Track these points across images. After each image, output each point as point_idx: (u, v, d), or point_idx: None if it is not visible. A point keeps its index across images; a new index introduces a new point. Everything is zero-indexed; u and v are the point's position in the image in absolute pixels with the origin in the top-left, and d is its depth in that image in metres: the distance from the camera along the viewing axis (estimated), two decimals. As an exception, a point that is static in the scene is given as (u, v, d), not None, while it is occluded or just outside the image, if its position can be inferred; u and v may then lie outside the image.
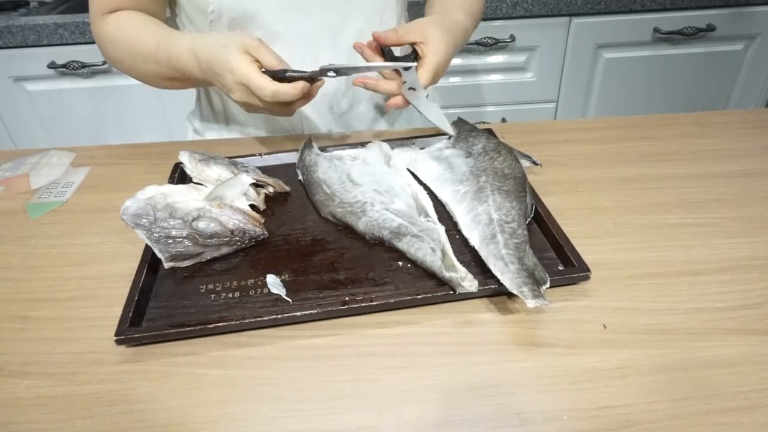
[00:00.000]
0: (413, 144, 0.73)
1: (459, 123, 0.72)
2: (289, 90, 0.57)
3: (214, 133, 0.86)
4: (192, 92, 1.43)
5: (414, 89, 0.63)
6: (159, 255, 0.54)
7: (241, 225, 0.56)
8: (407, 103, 0.65)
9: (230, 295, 0.52)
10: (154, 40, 0.65)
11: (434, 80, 0.64)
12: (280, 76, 0.58)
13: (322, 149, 0.71)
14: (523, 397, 0.42)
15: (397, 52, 0.71)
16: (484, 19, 1.33)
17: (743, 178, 0.67)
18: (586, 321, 0.49)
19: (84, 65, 1.32)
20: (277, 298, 0.51)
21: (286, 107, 0.60)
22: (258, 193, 0.64)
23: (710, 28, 1.39)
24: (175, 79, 0.68)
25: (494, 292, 0.50)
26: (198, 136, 0.88)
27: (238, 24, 0.70)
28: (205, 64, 0.60)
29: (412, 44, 0.65)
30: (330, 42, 0.74)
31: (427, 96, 0.65)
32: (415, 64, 0.61)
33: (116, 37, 0.68)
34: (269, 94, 0.56)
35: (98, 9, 0.69)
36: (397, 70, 0.63)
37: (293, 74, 0.58)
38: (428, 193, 0.61)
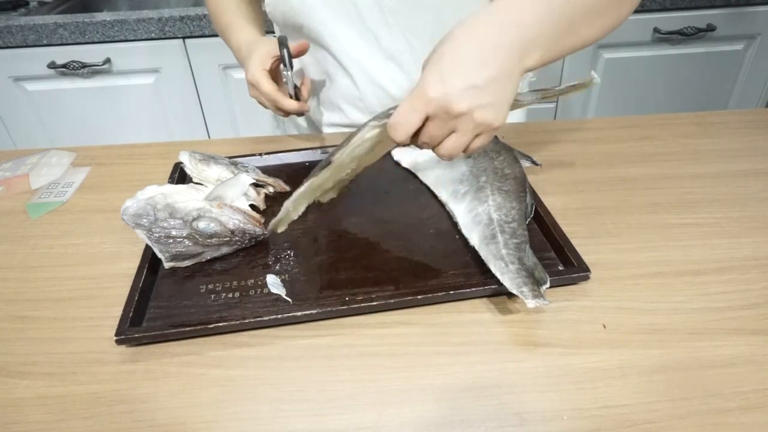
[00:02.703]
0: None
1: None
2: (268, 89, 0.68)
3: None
4: (191, 94, 1.43)
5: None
6: (159, 255, 0.54)
7: (241, 225, 0.56)
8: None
9: (230, 295, 0.52)
10: (228, 21, 0.79)
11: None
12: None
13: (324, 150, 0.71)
14: (523, 397, 0.42)
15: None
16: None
17: (743, 178, 0.67)
18: (586, 321, 0.49)
19: (84, 65, 1.32)
20: (277, 298, 0.51)
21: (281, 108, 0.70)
22: (258, 193, 0.64)
23: (710, 28, 1.39)
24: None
25: (494, 292, 0.50)
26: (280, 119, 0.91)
27: (288, 18, 0.74)
28: (242, 62, 0.75)
29: None
30: (371, 50, 0.72)
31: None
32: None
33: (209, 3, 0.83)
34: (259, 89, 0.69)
35: None
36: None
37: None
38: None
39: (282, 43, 0.68)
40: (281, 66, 0.69)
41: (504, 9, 0.44)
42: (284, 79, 0.69)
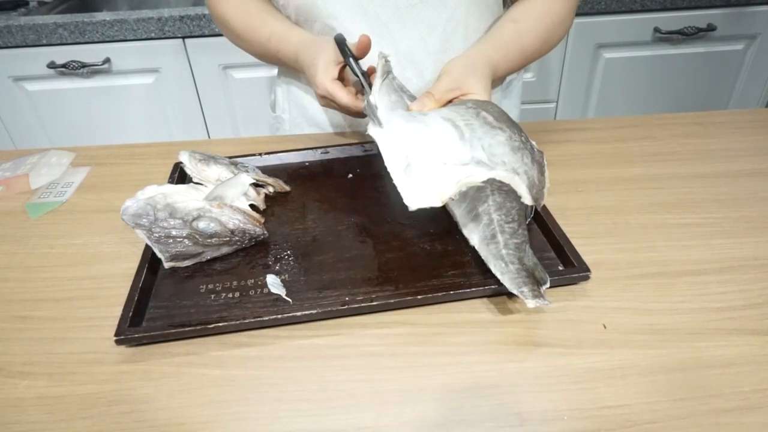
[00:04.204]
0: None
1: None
2: (343, 96, 0.64)
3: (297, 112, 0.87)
4: (191, 94, 1.42)
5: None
6: (159, 255, 0.54)
7: (241, 225, 0.56)
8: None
9: (230, 295, 0.52)
10: (268, 31, 0.74)
11: None
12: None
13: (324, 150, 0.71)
14: (523, 397, 0.42)
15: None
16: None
17: (743, 178, 0.67)
18: (586, 321, 0.49)
19: (84, 65, 1.32)
20: (277, 298, 0.51)
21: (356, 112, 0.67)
22: (258, 193, 0.64)
23: (710, 28, 1.39)
24: (278, 63, 0.80)
25: (494, 292, 0.50)
26: (282, 116, 0.89)
27: (301, 13, 0.74)
28: (302, 70, 0.72)
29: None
30: (382, 45, 0.72)
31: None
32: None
33: (231, 16, 0.77)
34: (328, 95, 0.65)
35: None
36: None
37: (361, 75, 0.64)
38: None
39: (341, 44, 0.65)
40: (348, 69, 0.65)
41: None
42: (357, 83, 0.66)
